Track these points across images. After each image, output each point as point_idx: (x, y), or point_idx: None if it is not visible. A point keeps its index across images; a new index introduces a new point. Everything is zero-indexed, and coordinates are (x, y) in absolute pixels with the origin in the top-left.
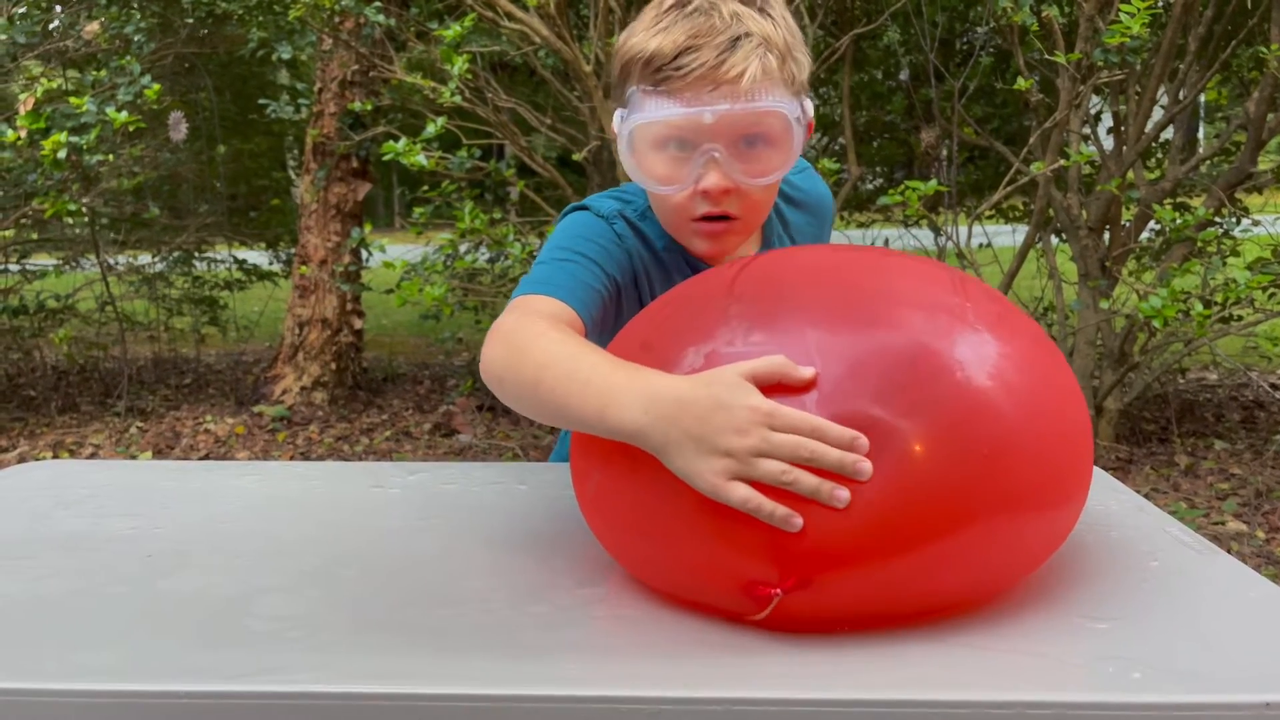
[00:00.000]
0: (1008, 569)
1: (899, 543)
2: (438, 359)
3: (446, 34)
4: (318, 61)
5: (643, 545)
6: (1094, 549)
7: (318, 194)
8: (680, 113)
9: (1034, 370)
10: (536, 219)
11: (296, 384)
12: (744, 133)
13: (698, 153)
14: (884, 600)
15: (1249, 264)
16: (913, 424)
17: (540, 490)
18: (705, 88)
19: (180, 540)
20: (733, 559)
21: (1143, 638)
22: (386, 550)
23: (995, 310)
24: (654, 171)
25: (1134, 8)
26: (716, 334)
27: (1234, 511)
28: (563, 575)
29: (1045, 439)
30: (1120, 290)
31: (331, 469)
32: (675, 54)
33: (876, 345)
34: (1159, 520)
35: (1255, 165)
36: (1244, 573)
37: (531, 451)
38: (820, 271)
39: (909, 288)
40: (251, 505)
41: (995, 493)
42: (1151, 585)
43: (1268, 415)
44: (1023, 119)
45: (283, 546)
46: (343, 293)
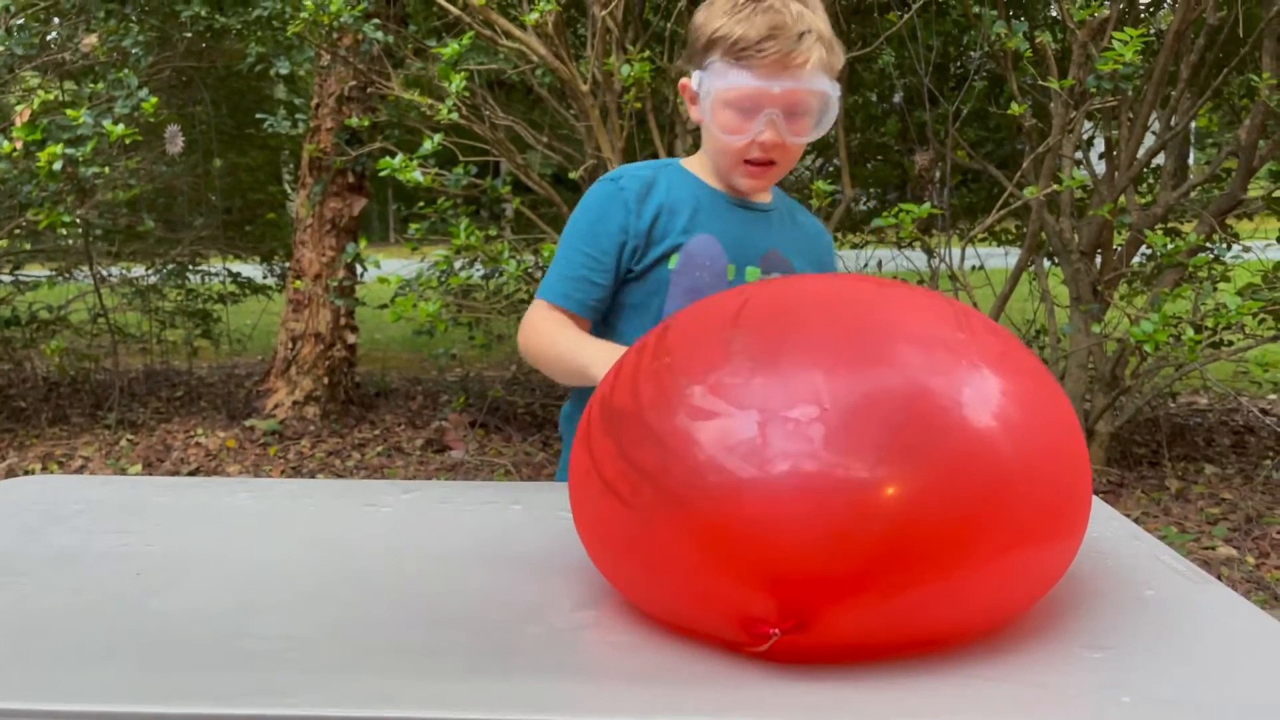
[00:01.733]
0: (1007, 604)
1: (900, 580)
2: (431, 374)
3: (445, 51)
4: (315, 77)
5: (639, 573)
6: (1090, 577)
7: (313, 209)
8: (757, 84)
9: (1034, 407)
10: (532, 236)
11: (289, 398)
12: (797, 104)
13: (761, 114)
14: (884, 634)
15: (1240, 290)
16: (915, 463)
17: (534, 511)
18: (778, 70)
19: (173, 558)
20: (731, 590)
21: (1140, 667)
22: (381, 570)
23: (997, 346)
24: (725, 123)
25: (1127, 35)
26: (721, 367)
27: (1224, 536)
28: (558, 598)
29: (1045, 476)
30: (1112, 314)
31: (324, 486)
32: (758, 40)
33: (880, 384)
34: (1153, 548)
35: (1245, 192)
36: (1238, 603)
37: (524, 468)
38: (823, 305)
39: (912, 323)
40: (245, 523)
41: (996, 531)
42: (1148, 614)
43: (1258, 440)
44: (1016, 143)
45: (277, 566)
46: (336, 307)
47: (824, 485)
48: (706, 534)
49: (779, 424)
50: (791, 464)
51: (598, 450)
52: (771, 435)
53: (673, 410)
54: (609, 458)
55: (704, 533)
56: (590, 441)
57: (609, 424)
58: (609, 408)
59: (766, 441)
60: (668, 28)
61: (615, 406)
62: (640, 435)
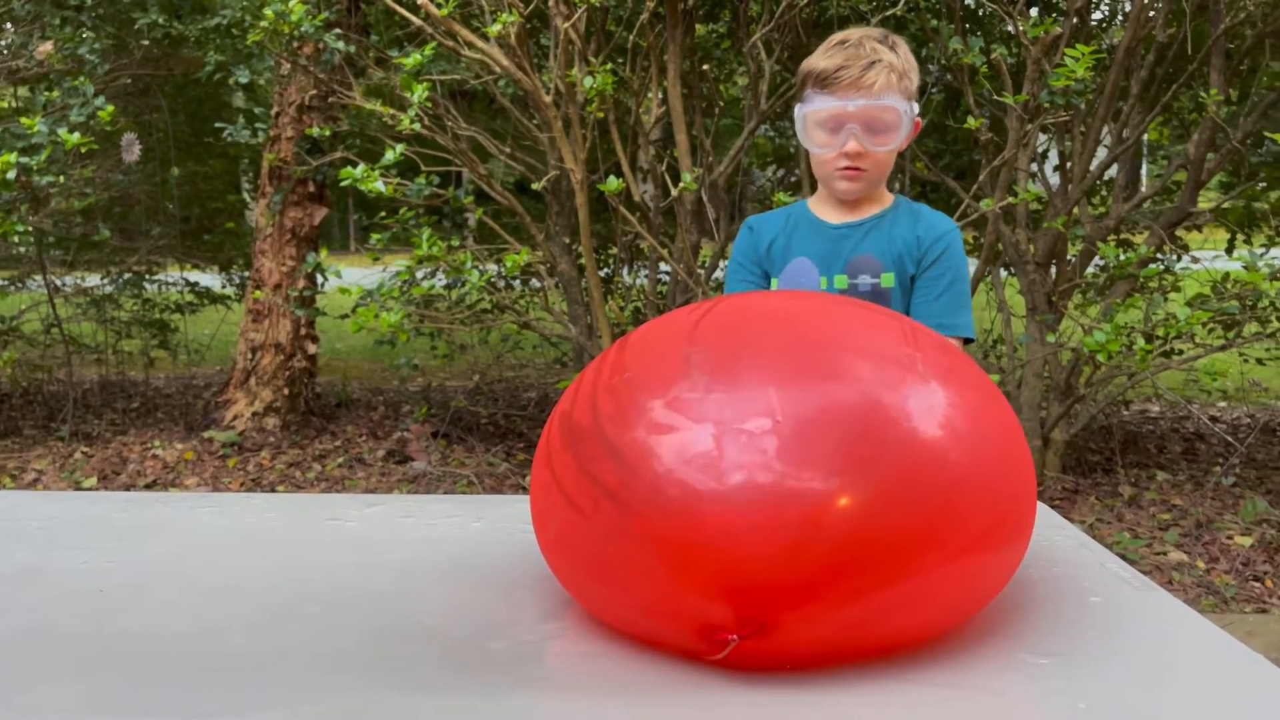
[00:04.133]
0: (957, 609)
1: (854, 587)
2: (392, 385)
3: (407, 62)
4: (275, 86)
5: (601, 586)
6: (1038, 585)
7: (273, 218)
8: (836, 104)
9: (980, 420)
10: (495, 245)
11: (248, 409)
12: (873, 119)
13: (844, 129)
14: (839, 640)
15: (1189, 300)
16: (867, 474)
17: (496, 525)
18: (852, 91)
19: (135, 575)
20: (690, 600)
21: (1085, 674)
22: (345, 585)
23: (944, 361)
24: (817, 140)
25: (1079, 52)
26: (678, 382)
27: (1175, 542)
28: (522, 611)
29: (991, 486)
30: (1066, 324)
31: (287, 501)
32: (835, 69)
33: (832, 398)
34: (1100, 557)
35: (1195, 205)
36: (1180, 610)
37: (487, 479)
38: (776, 322)
39: (862, 338)
40: (207, 538)
41: (945, 539)
42: (1093, 621)
43: (1208, 447)
44: (972, 154)
45: (241, 581)
46: (297, 317)
47: (778, 496)
48: (665, 546)
49: (734, 437)
50: (746, 475)
51: (558, 466)
52: (727, 448)
53: (631, 425)
54: (569, 473)
55: (663, 545)
56: (551, 458)
57: (569, 440)
58: (569, 424)
59: (722, 454)
60: (630, 39)
61: (575, 422)
62: (600, 451)
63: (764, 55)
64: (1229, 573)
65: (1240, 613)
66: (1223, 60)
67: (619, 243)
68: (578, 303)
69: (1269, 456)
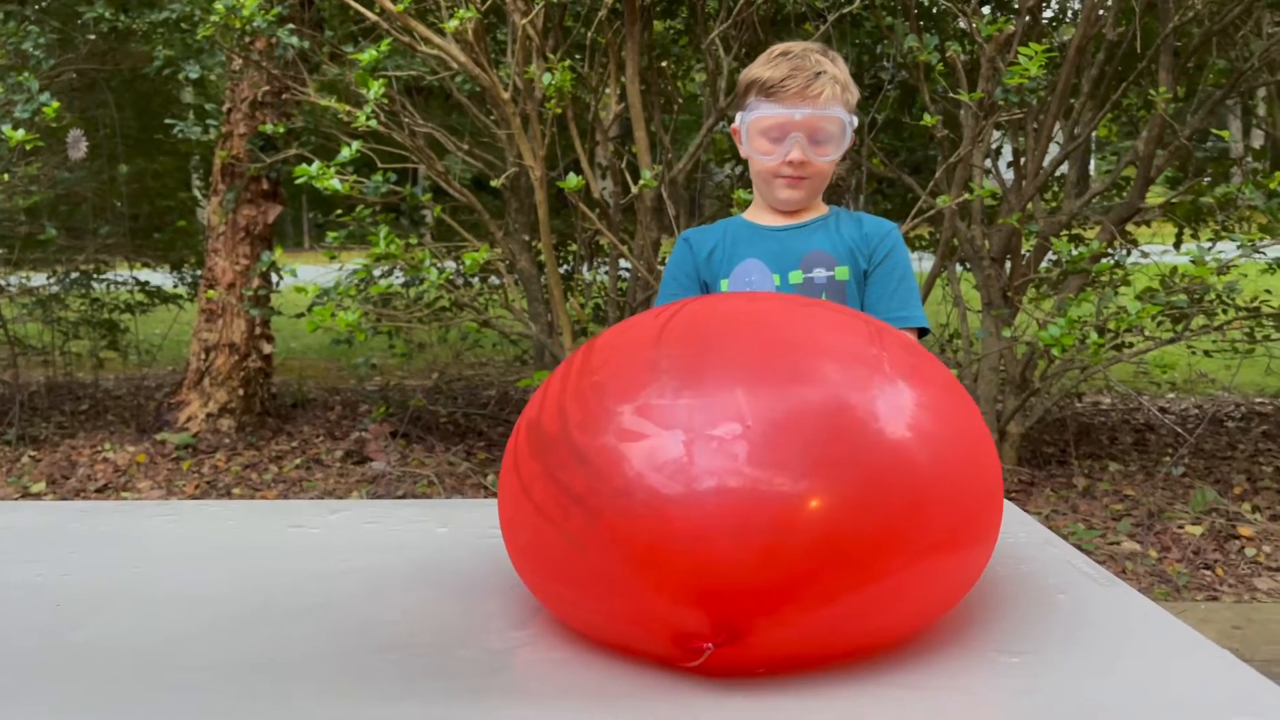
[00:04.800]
0: (928, 608)
1: (827, 590)
2: (349, 384)
3: (362, 58)
4: (227, 81)
5: (573, 594)
6: (1005, 583)
7: (226, 216)
8: (783, 112)
9: (948, 419)
10: (453, 243)
11: (202, 410)
12: (817, 129)
13: (788, 138)
14: (813, 645)
15: (1139, 294)
16: (837, 476)
17: (462, 530)
18: (798, 100)
19: (92, 587)
20: (663, 607)
21: (1055, 671)
22: (310, 594)
23: (909, 360)
24: (760, 147)
25: (1032, 50)
26: (646, 388)
27: (1128, 532)
28: (491, 618)
29: (959, 485)
30: (1021, 318)
31: (247, 508)
32: (782, 79)
33: (800, 401)
34: (1065, 554)
35: (1144, 200)
36: (1145, 605)
37: (448, 479)
38: (742, 325)
39: (828, 340)
40: (166, 548)
41: (916, 538)
42: (1061, 618)
43: (1157, 438)
44: (928, 150)
45: (201, 592)
46: (251, 317)
47: (750, 501)
48: (637, 553)
49: (704, 443)
50: (717, 481)
51: (526, 473)
52: (697, 454)
53: (600, 432)
54: (538, 481)
55: (635, 552)
56: (518, 465)
57: (536, 447)
58: (537, 430)
59: (693, 460)
60: (588, 36)
61: (543, 429)
62: (568, 458)
63: (722, 52)
64: (1180, 561)
65: (1192, 600)
66: (1171, 58)
67: (578, 239)
68: (538, 300)
69: (1216, 447)
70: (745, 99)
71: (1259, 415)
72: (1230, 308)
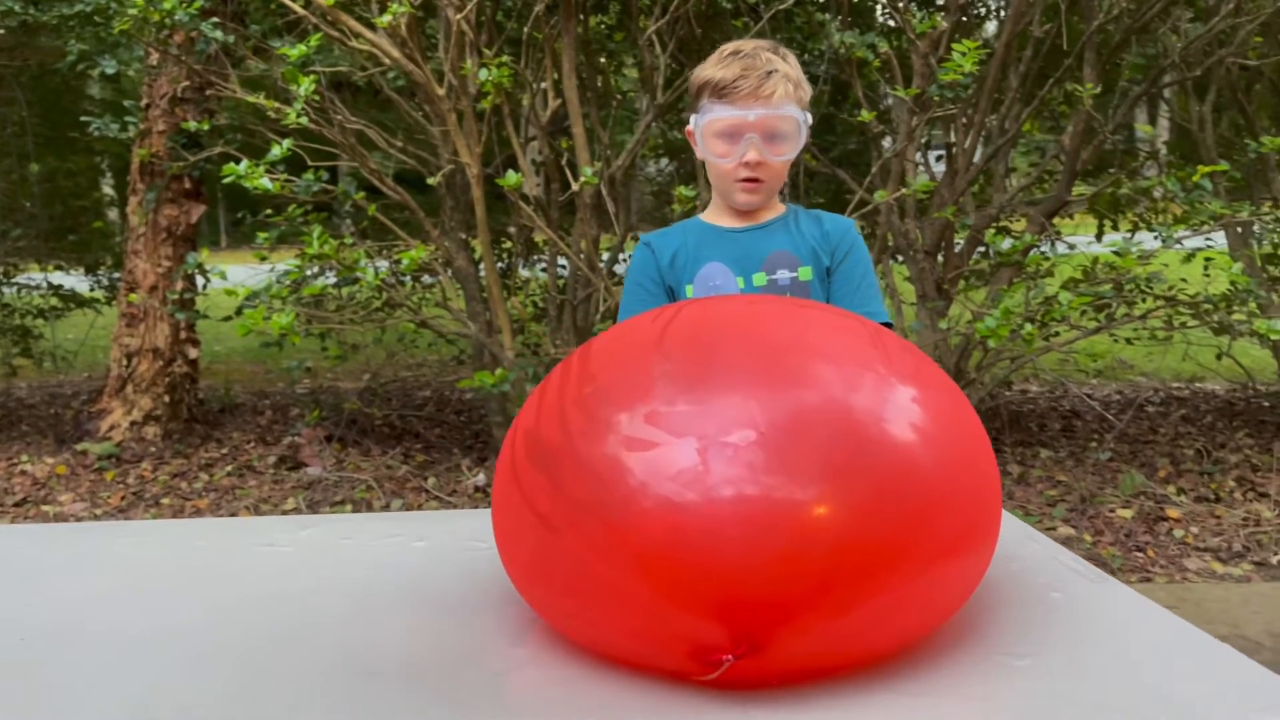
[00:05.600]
0: (936, 613)
1: (846, 596)
2: (278, 387)
3: (291, 53)
4: (145, 77)
5: (579, 609)
6: (997, 582)
7: (146, 216)
8: (736, 113)
9: (951, 420)
10: (386, 242)
11: (126, 419)
12: (771, 128)
13: (743, 139)
14: (827, 654)
15: (1063, 284)
16: (852, 481)
17: (441, 543)
18: (751, 100)
19: (59, 620)
20: (679, 620)
21: (1064, 674)
22: (294, 618)
23: (911, 362)
24: (716, 150)
25: (965, 47)
26: (652, 394)
27: (1063, 517)
28: (486, 636)
29: (965, 486)
30: (955, 309)
31: (213, 526)
32: (734, 79)
33: (811, 405)
34: (1049, 549)
35: (1070, 193)
36: (1138, 601)
37: (387, 483)
38: (745, 329)
39: (832, 343)
40: (133, 574)
41: (928, 541)
42: (1060, 618)
43: (1084, 424)
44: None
45: (178, 622)
46: (175, 320)
47: (767, 508)
48: (652, 564)
49: (719, 450)
50: (735, 489)
51: (528, 484)
52: (712, 462)
53: (607, 441)
54: (541, 492)
55: (650, 564)
56: (518, 475)
57: (538, 457)
58: (536, 440)
59: (708, 468)
60: (525, 31)
61: (543, 438)
62: (574, 468)
63: (659, 48)
64: (1114, 544)
65: (1126, 582)
66: (1095, 55)
67: (515, 237)
68: (476, 299)
69: (1139, 431)
70: (698, 101)
71: (1177, 400)
72: (1150, 296)
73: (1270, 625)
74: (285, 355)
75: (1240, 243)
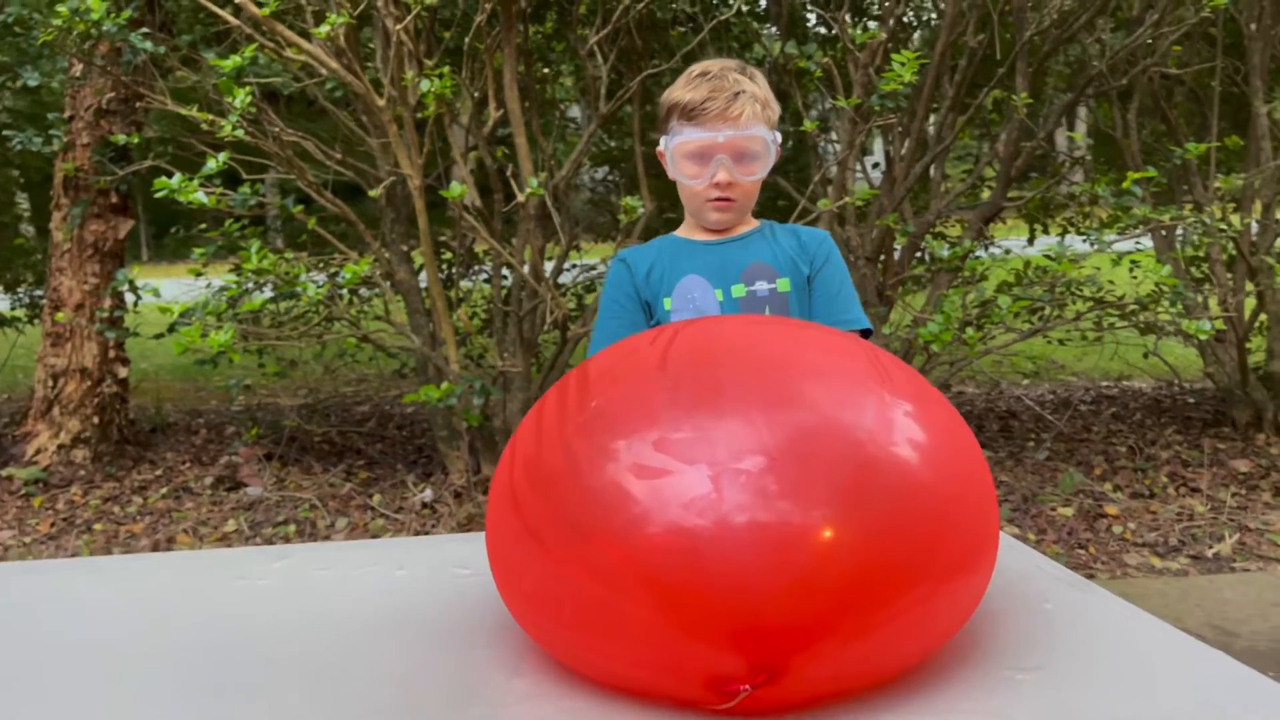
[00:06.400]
0: (943, 631)
1: (862, 620)
2: (211, 405)
3: (225, 64)
4: (68, 88)
5: (589, 640)
6: (989, 595)
7: (71, 232)
8: (705, 135)
9: (952, 439)
10: (324, 254)
11: (53, 442)
12: (741, 149)
13: (713, 160)
14: (842, 678)
15: (996, 287)
16: (865, 505)
17: (422, 572)
18: (719, 122)
19: (26, 666)
20: (698, 651)
21: (1073, 687)
22: (280, 655)
23: (911, 383)
24: (687, 171)
25: (905, 58)
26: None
27: (1008, 518)
28: (483, 668)
29: (969, 506)
30: (895, 314)
31: (180, 560)
32: (702, 101)
33: (819, 429)
34: (1030, 558)
35: (1005, 199)
36: (1129, 610)
37: (330, 501)
38: (746, 352)
39: (833, 365)
40: (100, 614)
41: (938, 561)
42: (1056, 629)
43: (1020, 424)
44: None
45: (154, 665)
46: (104, 339)
47: (783, 534)
48: (668, 594)
49: (732, 477)
50: (749, 516)
51: (531, 513)
52: (725, 488)
53: (614, 467)
54: (546, 520)
55: (665, 593)
56: (518, 503)
57: (541, 484)
58: (538, 467)
59: (721, 495)
60: (466, 42)
61: (546, 465)
62: (581, 495)
63: (600, 59)
64: (1057, 543)
65: None
66: (1026, 65)
67: (456, 248)
68: (419, 312)
69: (1073, 430)
70: (668, 123)
71: (1107, 398)
72: (1080, 299)
73: (1210, 617)
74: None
75: (1166, 245)
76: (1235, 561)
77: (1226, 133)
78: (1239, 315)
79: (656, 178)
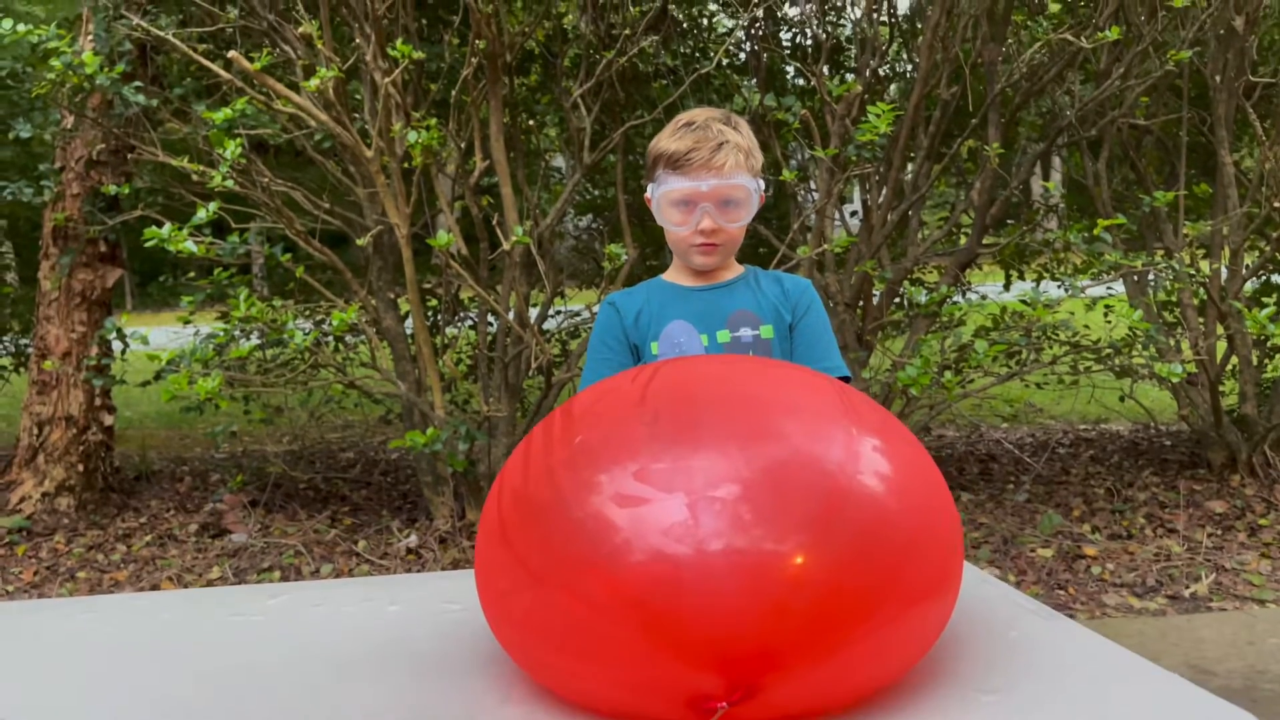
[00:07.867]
0: (912, 653)
1: (832, 643)
2: (195, 452)
3: (216, 116)
4: (58, 140)
5: (574, 665)
6: (957, 622)
7: (60, 281)
8: (690, 184)
9: (917, 470)
10: (311, 302)
11: (37, 490)
12: (724, 197)
13: (698, 208)
14: (813, 697)
15: (975, 332)
16: (835, 531)
17: (414, 608)
18: (704, 171)
19: (32, 706)
20: (679, 672)
21: (1032, 707)
22: (280, 690)
23: (877, 416)
24: (673, 218)
25: (880, 109)
26: (640, 452)
27: (988, 559)
28: (474, 697)
29: (933, 532)
30: (875, 359)
31: (176, 599)
32: (687, 151)
33: (792, 459)
34: (1000, 590)
35: (981, 246)
36: (1088, 635)
37: (316, 548)
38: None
39: (806, 400)
40: (101, 654)
41: (905, 586)
42: (1019, 655)
43: (1000, 466)
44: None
45: (156, 701)
46: (91, 387)
47: (757, 559)
48: (650, 617)
49: (708, 505)
50: (725, 541)
51: (520, 544)
52: (702, 516)
53: (600, 499)
54: (535, 550)
55: (648, 616)
56: (507, 535)
57: (530, 516)
58: (525, 500)
59: (699, 522)
60: (453, 94)
61: (533, 498)
62: (567, 526)
63: (584, 110)
64: (1037, 584)
65: None
66: (998, 116)
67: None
68: (405, 358)
69: (1052, 473)
70: (654, 171)
71: (1085, 441)
72: (1056, 343)
73: (1188, 657)
74: (205, 419)
75: (1138, 290)
76: (1212, 601)
77: (1194, 180)
78: (1211, 358)
79: (640, 225)
